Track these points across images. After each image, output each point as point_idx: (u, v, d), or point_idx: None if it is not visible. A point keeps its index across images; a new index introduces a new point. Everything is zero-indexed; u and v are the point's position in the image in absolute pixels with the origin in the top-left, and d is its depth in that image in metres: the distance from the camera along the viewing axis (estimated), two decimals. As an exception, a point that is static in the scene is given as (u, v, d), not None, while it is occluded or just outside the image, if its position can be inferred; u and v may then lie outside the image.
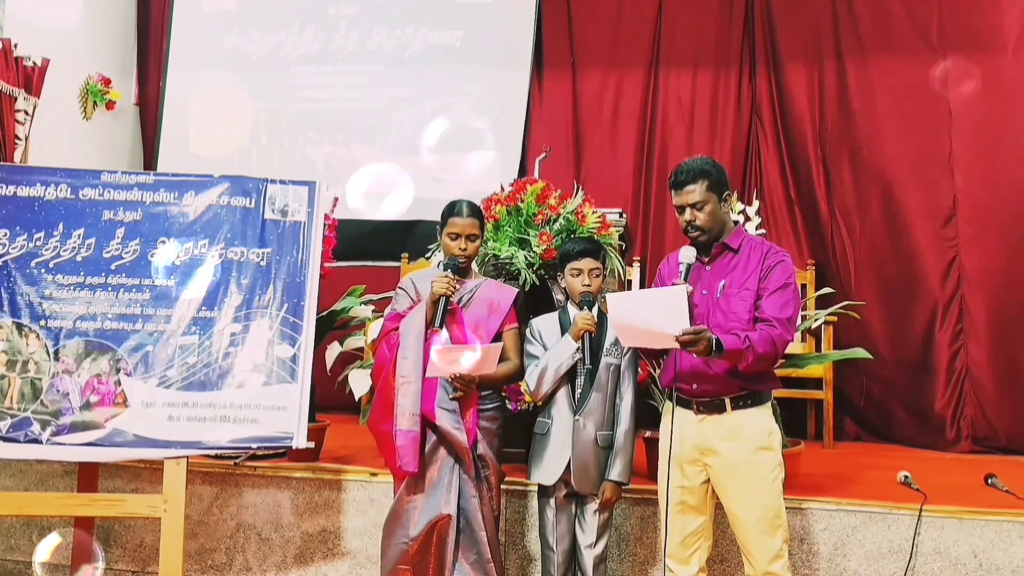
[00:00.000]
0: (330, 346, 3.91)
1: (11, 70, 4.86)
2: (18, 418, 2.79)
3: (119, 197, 2.99)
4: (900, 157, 4.90)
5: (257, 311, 2.94)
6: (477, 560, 2.63)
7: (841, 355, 3.71)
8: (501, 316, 2.74)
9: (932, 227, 4.81)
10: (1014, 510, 2.99)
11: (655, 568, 3.11)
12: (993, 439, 4.62)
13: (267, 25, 6.07)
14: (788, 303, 2.41)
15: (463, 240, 2.73)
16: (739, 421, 2.44)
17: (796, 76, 5.21)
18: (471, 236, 2.74)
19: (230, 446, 2.84)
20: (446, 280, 2.62)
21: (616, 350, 2.73)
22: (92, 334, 2.87)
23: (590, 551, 2.69)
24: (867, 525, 3.03)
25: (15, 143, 4.89)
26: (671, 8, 5.49)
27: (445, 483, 2.64)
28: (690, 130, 5.38)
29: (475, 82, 5.73)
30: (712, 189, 2.48)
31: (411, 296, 2.80)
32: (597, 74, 5.57)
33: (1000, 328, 4.64)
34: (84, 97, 5.72)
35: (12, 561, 3.56)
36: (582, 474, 2.66)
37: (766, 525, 2.41)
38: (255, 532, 3.42)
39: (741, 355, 2.30)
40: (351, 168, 5.78)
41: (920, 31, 4.95)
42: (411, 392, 2.61)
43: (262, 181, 3.05)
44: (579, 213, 3.39)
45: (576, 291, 2.73)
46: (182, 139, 6.08)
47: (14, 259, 2.91)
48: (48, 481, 3.56)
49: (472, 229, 2.74)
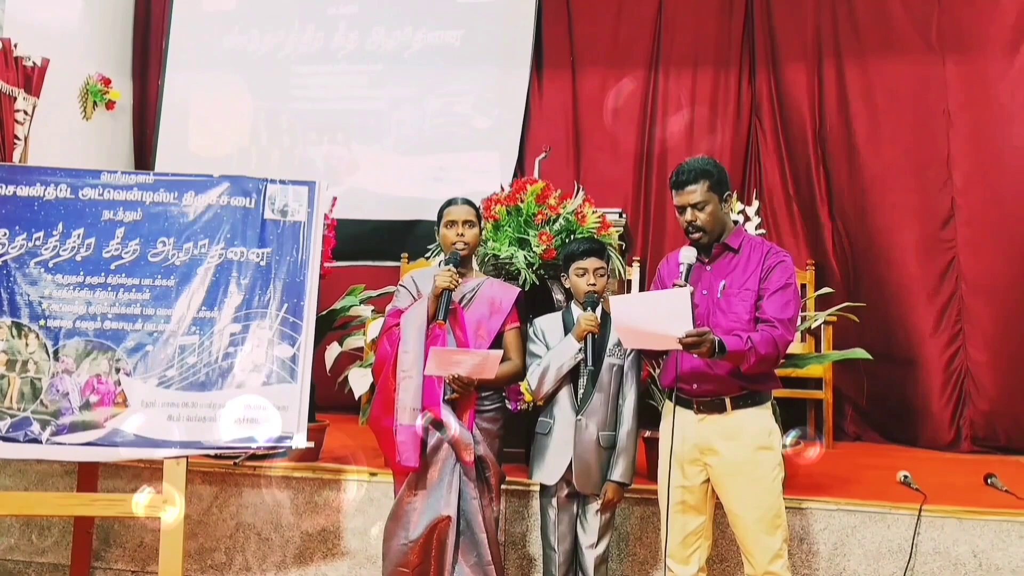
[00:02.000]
0: (330, 346, 3.91)
1: (11, 70, 4.86)
2: (18, 418, 2.79)
3: (119, 197, 2.98)
4: (899, 158, 4.91)
5: (257, 311, 2.93)
6: (477, 562, 2.62)
7: (841, 355, 3.71)
8: (503, 316, 2.73)
9: (931, 228, 4.82)
10: (1014, 510, 2.99)
11: (655, 568, 3.11)
12: (993, 439, 4.62)
13: (267, 25, 6.06)
14: (789, 303, 2.41)
15: (460, 226, 2.74)
16: (739, 421, 2.44)
17: (796, 76, 5.22)
18: (468, 222, 2.75)
19: (230, 446, 2.84)
20: (449, 274, 2.62)
21: (619, 351, 2.72)
22: (92, 334, 2.87)
23: (591, 551, 2.68)
24: (867, 525, 3.03)
25: (15, 143, 4.89)
26: (671, 8, 5.49)
27: (445, 484, 2.62)
28: (690, 130, 5.37)
29: (475, 82, 5.73)
30: (713, 189, 2.48)
31: (412, 294, 2.79)
32: (597, 74, 5.57)
33: (999, 328, 4.64)
34: (84, 97, 5.71)
35: (12, 561, 3.55)
36: (584, 474, 2.66)
37: (766, 525, 2.41)
38: (255, 532, 3.42)
39: (743, 356, 2.31)
40: (351, 168, 5.78)
41: (919, 32, 4.95)
42: (412, 387, 2.60)
43: (262, 181, 3.04)
44: (579, 213, 3.39)
45: (581, 291, 2.72)
46: (181, 139, 6.08)
47: (14, 259, 2.91)
48: (48, 481, 3.55)
49: (468, 215, 2.76)
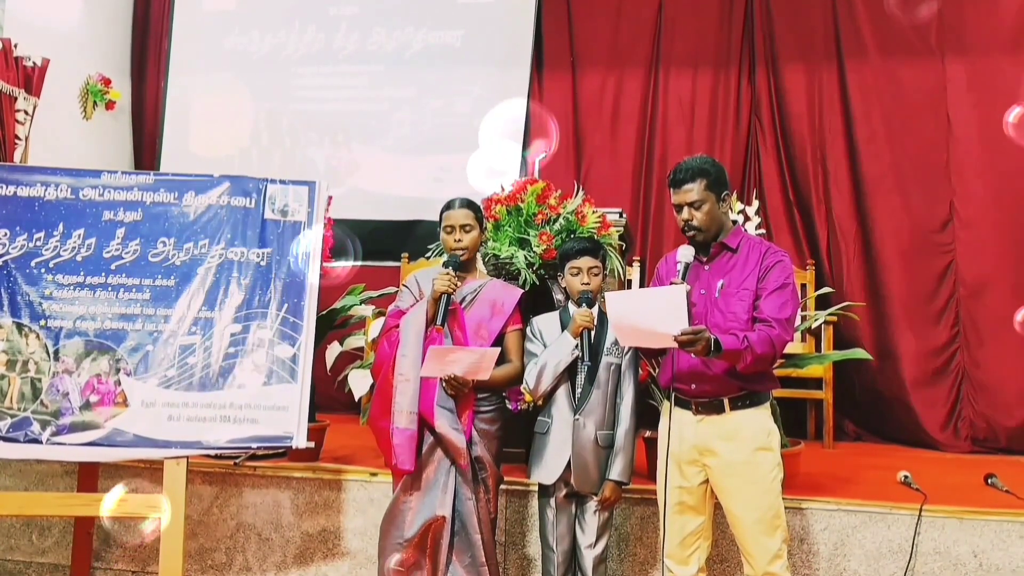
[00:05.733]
0: (330, 346, 3.92)
1: (11, 70, 4.86)
2: (18, 418, 2.79)
3: (119, 197, 2.99)
4: (898, 159, 4.91)
5: (257, 311, 2.93)
6: (471, 563, 2.61)
7: (841, 356, 3.71)
8: (504, 317, 2.71)
9: (930, 229, 4.83)
10: (1014, 510, 2.99)
11: (655, 568, 3.11)
12: (993, 439, 4.62)
13: (267, 25, 6.07)
14: (787, 303, 2.40)
15: (457, 231, 2.73)
16: (738, 421, 2.44)
17: (795, 77, 5.21)
18: (465, 227, 2.73)
19: (230, 446, 2.84)
20: (447, 277, 2.61)
21: (617, 349, 2.72)
22: (92, 334, 2.87)
23: (590, 551, 2.68)
24: (867, 525, 3.03)
25: (15, 143, 4.89)
26: (671, 8, 5.49)
27: (440, 485, 2.62)
28: (690, 130, 5.38)
29: (475, 82, 5.73)
30: (710, 188, 2.47)
31: (414, 294, 2.79)
32: (597, 74, 5.57)
33: (998, 329, 4.64)
34: (84, 97, 5.72)
35: (12, 561, 3.56)
36: (582, 474, 2.65)
37: (765, 525, 2.41)
38: (255, 532, 3.42)
39: (740, 355, 2.30)
40: (352, 168, 5.79)
41: (919, 33, 4.95)
42: (409, 390, 2.59)
43: (262, 181, 3.05)
44: (579, 213, 3.39)
45: (575, 290, 2.73)
46: (183, 140, 6.08)
47: (14, 259, 2.91)
48: (48, 481, 3.55)
49: (465, 219, 2.74)
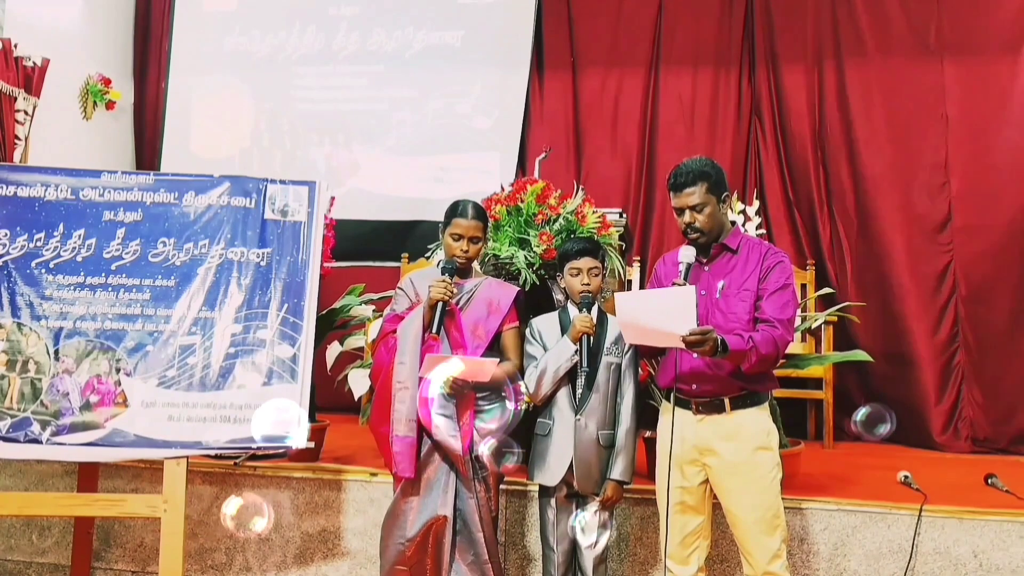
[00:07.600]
0: (330, 346, 3.91)
1: (11, 70, 4.86)
2: (18, 418, 2.79)
3: (119, 198, 2.99)
4: (897, 160, 4.91)
5: (257, 311, 2.93)
6: (475, 561, 2.62)
7: (842, 357, 3.71)
8: (501, 316, 2.70)
9: (929, 229, 4.83)
10: (1014, 510, 2.99)
11: (655, 568, 3.11)
12: (993, 439, 4.63)
13: (268, 26, 6.06)
14: (788, 304, 2.41)
15: (466, 242, 2.68)
16: (738, 421, 2.44)
17: (795, 77, 5.22)
18: (474, 239, 2.69)
19: (230, 446, 2.84)
20: (443, 285, 2.57)
21: (617, 349, 2.72)
22: (92, 334, 2.87)
23: (590, 551, 2.68)
24: (867, 525, 3.03)
25: (15, 143, 4.89)
26: (671, 8, 5.49)
27: (441, 484, 2.62)
28: (690, 130, 5.38)
29: (475, 82, 5.73)
30: (711, 191, 2.48)
31: (410, 297, 2.76)
32: (597, 74, 5.57)
33: (998, 329, 4.64)
34: (84, 97, 5.71)
35: (12, 561, 3.56)
36: (585, 474, 2.65)
37: (765, 525, 2.41)
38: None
39: (745, 356, 2.31)
40: (352, 168, 5.79)
41: (918, 34, 4.95)
42: (407, 398, 2.58)
43: (262, 181, 3.05)
44: (579, 213, 3.39)
45: (575, 291, 2.72)
46: (183, 140, 6.08)
47: (14, 259, 2.91)
48: (48, 481, 3.55)
49: (476, 231, 2.69)
